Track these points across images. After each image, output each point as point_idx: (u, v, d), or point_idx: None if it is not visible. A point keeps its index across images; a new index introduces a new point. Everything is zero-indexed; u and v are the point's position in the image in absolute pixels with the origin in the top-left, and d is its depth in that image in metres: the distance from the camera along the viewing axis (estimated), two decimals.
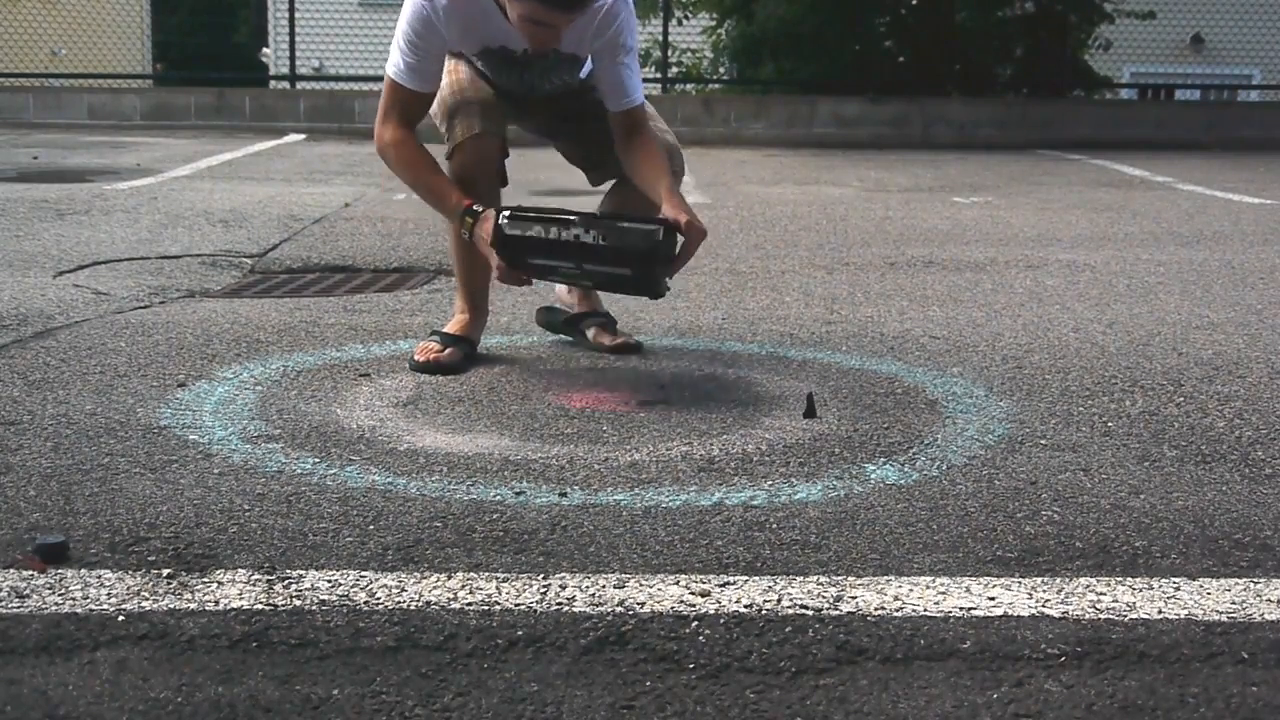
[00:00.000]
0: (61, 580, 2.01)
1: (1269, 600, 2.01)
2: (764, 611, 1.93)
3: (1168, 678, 1.76)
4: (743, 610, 1.93)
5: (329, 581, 2.01)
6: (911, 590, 2.02)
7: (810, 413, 3.03)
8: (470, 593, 1.98)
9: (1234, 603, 2.00)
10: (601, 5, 3.23)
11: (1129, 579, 2.08)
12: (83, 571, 2.04)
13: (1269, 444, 2.86)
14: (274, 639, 1.82)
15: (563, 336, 3.85)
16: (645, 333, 3.98)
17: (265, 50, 21.05)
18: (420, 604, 1.94)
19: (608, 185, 3.73)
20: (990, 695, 1.71)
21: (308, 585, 2.00)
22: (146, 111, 13.41)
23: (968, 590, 2.02)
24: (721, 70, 16.05)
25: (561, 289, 3.87)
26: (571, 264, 3.15)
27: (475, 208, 3.26)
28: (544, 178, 9.30)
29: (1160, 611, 1.96)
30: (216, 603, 1.93)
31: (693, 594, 1.99)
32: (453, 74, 3.46)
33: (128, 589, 1.98)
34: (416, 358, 3.46)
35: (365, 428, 2.89)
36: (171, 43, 25.66)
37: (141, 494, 2.40)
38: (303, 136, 12.71)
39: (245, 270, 5.14)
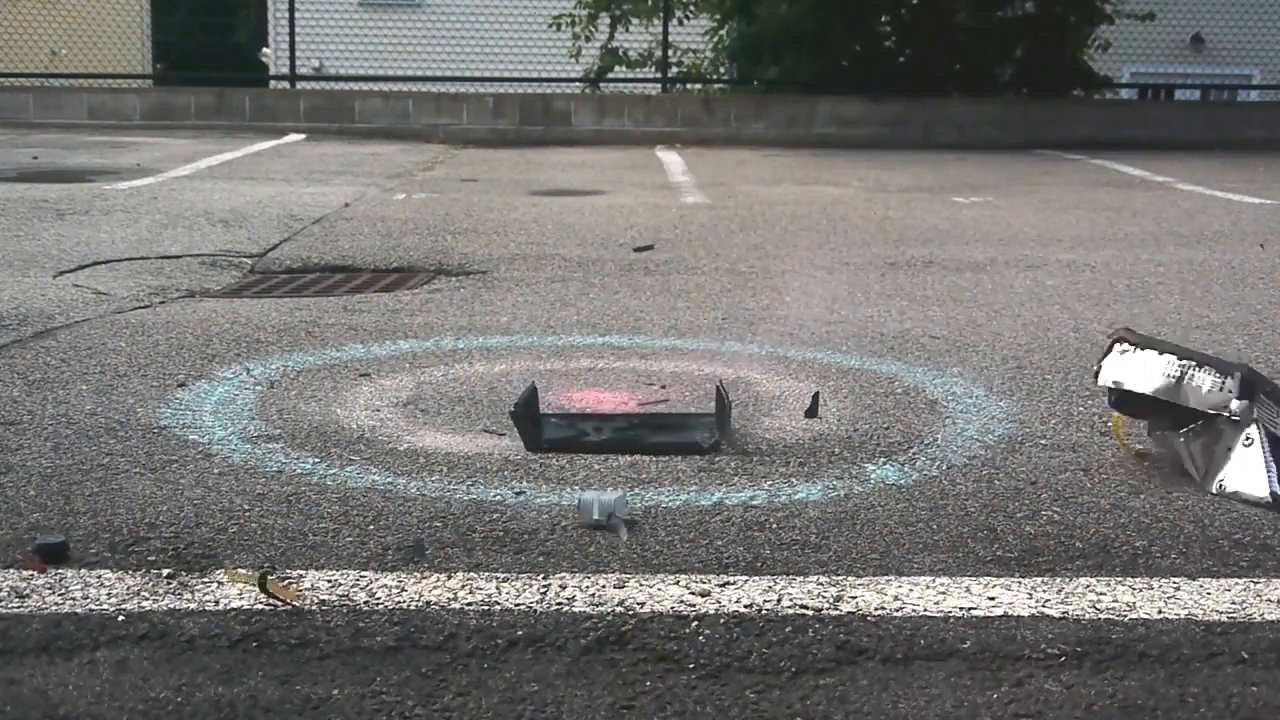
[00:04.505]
0: (61, 580, 2.01)
1: (1269, 600, 2.01)
2: (764, 611, 1.93)
3: (1168, 678, 1.76)
4: (743, 610, 1.93)
5: (329, 581, 2.02)
6: (911, 590, 2.02)
7: (813, 411, 3.03)
8: (470, 593, 1.98)
9: (1234, 603, 2.00)
10: None
11: (1129, 579, 2.08)
12: (83, 571, 2.04)
13: None
14: (274, 639, 1.82)
15: (561, 337, 3.84)
16: (645, 333, 3.98)
17: (265, 50, 21.04)
18: (420, 604, 1.94)
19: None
20: (990, 695, 1.71)
21: (308, 585, 2.00)
22: (146, 111, 13.40)
23: (968, 590, 2.02)
24: (722, 70, 16.03)
25: None
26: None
27: None
28: (545, 178, 9.30)
29: (1160, 611, 1.96)
30: (216, 603, 1.93)
31: (693, 594, 1.99)
32: None
33: (128, 589, 1.98)
34: None
35: (365, 428, 2.89)
36: (171, 42, 25.62)
37: (141, 494, 2.40)
38: (303, 136, 12.70)
39: (245, 270, 5.14)
